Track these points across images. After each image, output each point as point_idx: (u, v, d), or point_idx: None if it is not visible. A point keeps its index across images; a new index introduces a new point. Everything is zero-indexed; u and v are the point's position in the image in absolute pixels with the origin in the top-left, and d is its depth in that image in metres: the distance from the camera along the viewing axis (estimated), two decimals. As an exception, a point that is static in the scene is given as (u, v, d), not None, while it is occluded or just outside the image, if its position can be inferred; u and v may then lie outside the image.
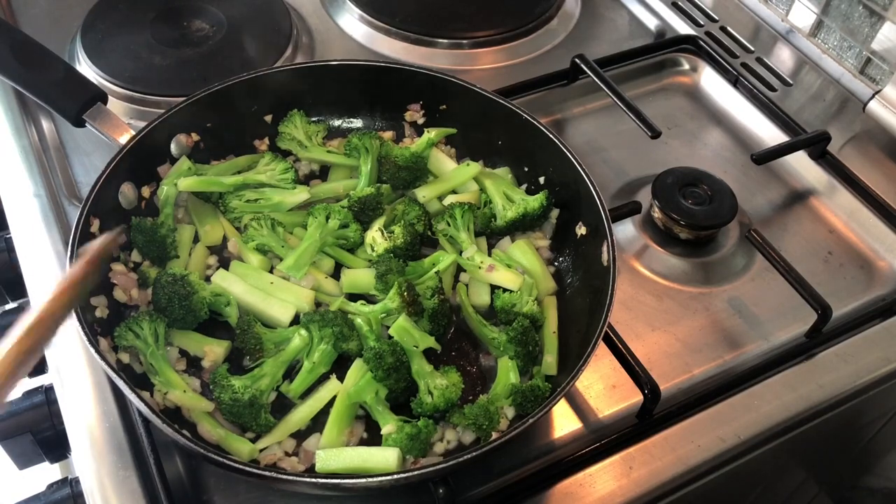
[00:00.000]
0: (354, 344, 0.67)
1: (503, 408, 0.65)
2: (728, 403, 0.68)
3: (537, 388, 0.64)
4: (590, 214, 0.71)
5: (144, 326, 0.64)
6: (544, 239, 0.77)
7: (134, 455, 0.62)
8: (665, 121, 0.92)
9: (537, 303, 0.70)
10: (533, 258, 0.73)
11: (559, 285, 0.74)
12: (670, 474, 0.64)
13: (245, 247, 0.72)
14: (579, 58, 0.92)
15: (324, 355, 0.65)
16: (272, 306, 0.68)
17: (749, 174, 0.89)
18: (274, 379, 0.65)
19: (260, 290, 0.69)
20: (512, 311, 0.69)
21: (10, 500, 0.67)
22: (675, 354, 0.73)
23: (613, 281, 0.65)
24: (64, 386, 0.66)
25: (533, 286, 0.71)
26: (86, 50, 0.92)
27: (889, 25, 0.91)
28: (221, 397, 0.62)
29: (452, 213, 0.74)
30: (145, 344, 0.64)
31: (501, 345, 0.67)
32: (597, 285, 0.67)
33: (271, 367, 0.65)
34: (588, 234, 0.72)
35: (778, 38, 1.04)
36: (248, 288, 0.69)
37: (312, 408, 0.64)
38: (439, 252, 0.73)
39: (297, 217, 0.75)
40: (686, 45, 1.00)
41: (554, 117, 0.93)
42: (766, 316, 0.76)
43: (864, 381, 0.71)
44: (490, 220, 0.76)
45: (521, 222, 0.75)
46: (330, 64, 0.80)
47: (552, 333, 0.70)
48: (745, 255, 0.81)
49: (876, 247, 0.83)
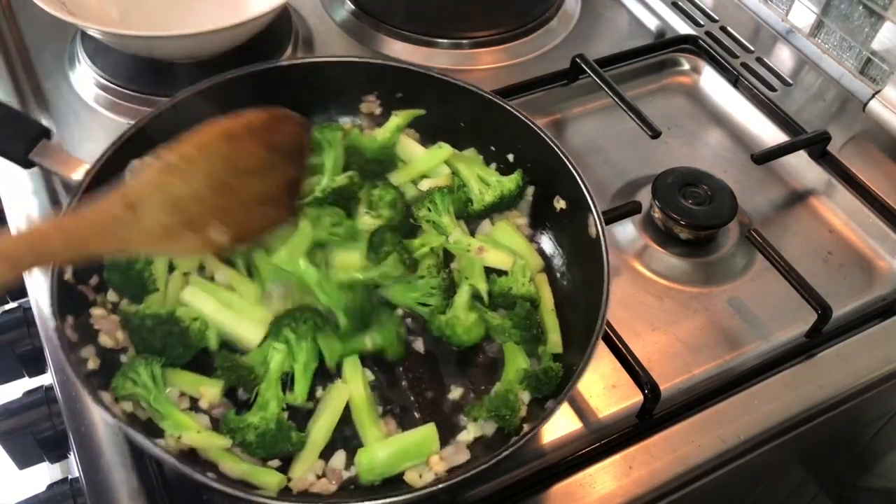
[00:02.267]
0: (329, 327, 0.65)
1: (518, 394, 0.64)
2: (728, 403, 0.68)
3: (550, 369, 0.64)
4: (566, 187, 0.71)
5: (141, 372, 0.61)
6: (522, 217, 0.76)
7: (134, 455, 0.62)
8: (665, 121, 0.92)
9: (531, 282, 0.70)
10: (518, 238, 0.73)
11: (545, 263, 0.73)
12: (670, 474, 0.64)
13: (216, 262, 0.69)
14: (579, 58, 0.92)
15: (309, 352, 0.64)
16: (241, 326, 0.66)
17: (749, 174, 0.89)
18: (279, 398, 0.63)
19: (227, 308, 0.66)
20: (510, 293, 0.69)
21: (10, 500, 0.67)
22: (675, 354, 0.73)
23: (606, 251, 0.64)
24: (64, 386, 0.66)
25: (525, 266, 0.70)
26: (86, 51, 0.92)
27: (889, 25, 0.91)
28: (247, 439, 0.60)
29: (432, 197, 0.73)
30: (146, 390, 0.61)
31: (506, 330, 0.67)
32: (587, 259, 0.67)
33: (269, 389, 0.63)
34: (568, 207, 0.72)
35: (778, 38, 1.04)
36: (217, 306, 0.66)
37: (331, 420, 0.63)
38: (426, 236, 0.72)
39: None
40: (686, 45, 1.00)
41: (554, 117, 0.94)
42: (766, 316, 0.76)
43: (864, 381, 0.71)
44: (467, 204, 0.75)
45: (499, 204, 0.74)
46: (279, 65, 0.77)
47: (550, 311, 0.70)
48: (745, 255, 0.81)
49: (876, 247, 0.83)
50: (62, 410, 0.65)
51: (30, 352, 0.74)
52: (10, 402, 0.70)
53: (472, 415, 0.64)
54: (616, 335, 0.69)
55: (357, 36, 1.00)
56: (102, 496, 0.60)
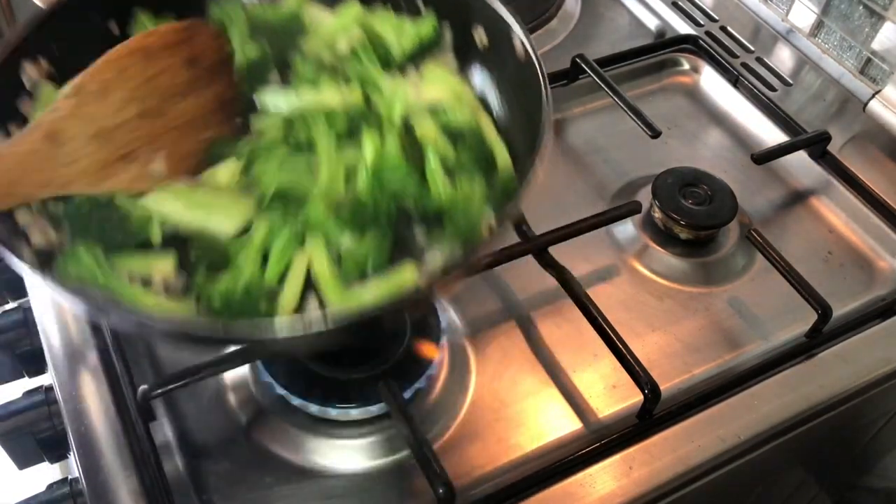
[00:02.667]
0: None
1: (480, 214, 0.63)
2: (728, 403, 0.68)
3: (506, 181, 0.64)
4: (483, 15, 0.69)
5: (83, 255, 0.56)
6: (447, 55, 0.74)
7: (134, 455, 0.62)
8: (665, 121, 0.92)
9: (471, 113, 0.69)
10: (447, 74, 0.72)
11: (480, 101, 0.72)
12: (670, 474, 0.64)
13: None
14: (579, 57, 0.92)
15: (288, 240, 0.60)
16: (213, 219, 0.60)
17: (749, 174, 0.89)
18: (255, 263, 0.59)
19: (197, 207, 0.61)
20: (452, 127, 0.68)
21: (10, 500, 0.67)
22: (675, 354, 0.73)
23: (541, 67, 0.62)
24: (64, 386, 0.66)
25: (462, 98, 0.70)
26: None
27: (889, 25, 0.91)
28: (212, 304, 0.56)
29: (355, 54, 0.70)
30: (92, 271, 0.56)
31: (461, 162, 0.66)
32: (521, 85, 0.65)
33: (246, 256, 0.58)
34: (490, 39, 0.70)
35: (778, 38, 1.04)
36: (185, 207, 0.60)
37: (296, 285, 0.59)
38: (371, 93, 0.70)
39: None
40: (686, 45, 1.00)
41: (554, 117, 0.93)
42: (766, 316, 0.76)
43: (864, 381, 0.71)
44: (387, 58, 0.73)
45: (420, 51, 0.73)
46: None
47: (494, 136, 0.69)
48: (745, 255, 0.81)
49: (876, 247, 0.83)
50: (62, 410, 0.65)
51: (30, 352, 0.74)
52: (10, 402, 0.70)
53: (437, 241, 0.63)
54: (616, 335, 0.69)
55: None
56: (102, 496, 0.60)
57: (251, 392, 0.68)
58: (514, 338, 0.73)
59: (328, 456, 0.65)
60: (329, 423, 0.66)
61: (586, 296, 0.71)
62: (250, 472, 0.64)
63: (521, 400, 0.69)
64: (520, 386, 0.70)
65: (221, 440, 0.66)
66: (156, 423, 0.65)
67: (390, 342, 0.68)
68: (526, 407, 0.69)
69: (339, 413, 0.65)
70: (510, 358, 0.72)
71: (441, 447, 0.65)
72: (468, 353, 0.72)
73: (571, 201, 0.85)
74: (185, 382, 0.63)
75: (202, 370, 0.63)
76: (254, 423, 0.66)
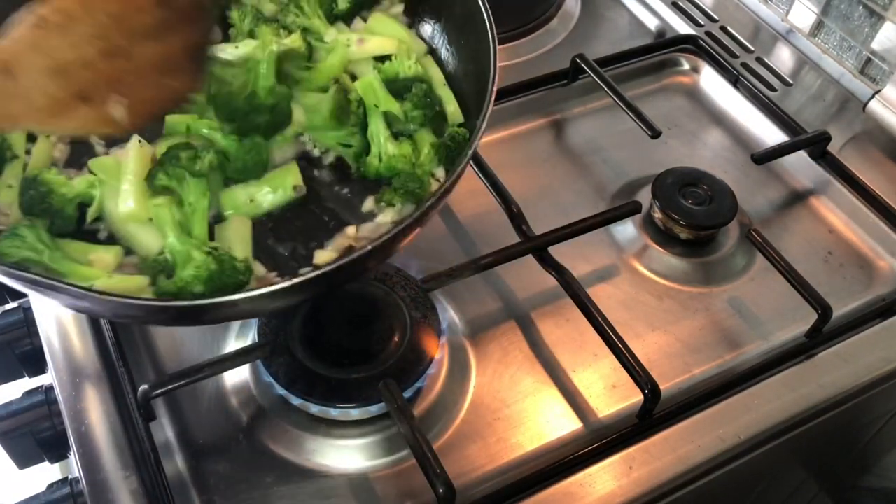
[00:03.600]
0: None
1: (432, 171, 0.63)
2: (728, 403, 0.68)
3: (456, 134, 0.64)
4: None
5: (26, 234, 0.55)
6: (396, 5, 0.75)
7: (134, 455, 0.62)
8: (665, 121, 0.92)
9: (418, 63, 0.69)
10: (394, 25, 0.72)
11: (428, 46, 0.73)
12: (670, 474, 0.64)
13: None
14: (579, 57, 0.92)
15: (196, 189, 0.59)
16: (112, 200, 0.59)
17: (749, 174, 0.89)
18: (201, 238, 0.58)
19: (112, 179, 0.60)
20: (399, 79, 0.68)
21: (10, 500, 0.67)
22: (675, 354, 0.73)
23: (489, 16, 0.63)
24: (64, 386, 0.66)
25: (409, 48, 0.70)
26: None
27: (889, 25, 0.91)
28: (196, 291, 0.55)
29: (297, 5, 0.70)
30: (37, 251, 0.55)
31: (408, 114, 0.66)
32: (469, 28, 0.66)
33: (180, 244, 0.57)
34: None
35: (778, 38, 1.04)
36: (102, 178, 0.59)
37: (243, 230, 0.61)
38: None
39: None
40: (686, 45, 1.00)
41: (554, 117, 0.94)
42: (766, 316, 0.76)
43: (864, 381, 0.71)
44: (331, 5, 0.72)
45: (366, 0, 0.73)
46: None
47: (443, 86, 0.69)
48: (745, 255, 0.81)
49: (876, 247, 0.83)
50: (62, 410, 0.66)
51: (30, 352, 0.74)
52: (9, 402, 0.70)
53: (385, 199, 0.63)
54: (616, 335, 0.69)
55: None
56: (102, 496, 0.60)
57: (252, 392, 0.68)
58: (514, 338, 0.73)
59: (328, 456, 0.65)
60: (329, 423, 0.66)
61: (586, 296, 0.71)
62: (250, 472, 0.64)
63: (521, 400, 0.69)
64: (520, 386, 0.70)
65: (221, 440, 0.66)
66: (156, 423, 0.65)
67: (390, 342, 0.68)
68: (526, 407, 0.69)
69: (340, 413, 0.65)
70: (510, 358, 0.72)
71: (441, 447, 0.65)
72: (468, 353, 0.72)
73: (571, 201, 0.85)
74: (185, 382, 0.63)
75: (202, 370, 0.63)
76: (254, 422, 0.67)
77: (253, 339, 0.69)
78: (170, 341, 0.71)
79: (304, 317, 0.69)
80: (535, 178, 0.87)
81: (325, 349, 0.67)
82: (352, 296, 0.70)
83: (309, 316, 0.69)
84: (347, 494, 0.63)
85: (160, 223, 0.59)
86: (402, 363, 0.66)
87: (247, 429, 0.66)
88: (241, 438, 0.66)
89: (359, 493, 0.63)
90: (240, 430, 0.66)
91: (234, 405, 0.67)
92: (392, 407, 0.62)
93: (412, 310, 0.69)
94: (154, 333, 0.72)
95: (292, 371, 0.66)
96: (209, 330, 0.72)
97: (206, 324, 0.67)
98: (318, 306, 0.69)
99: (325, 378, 0.65)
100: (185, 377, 0.63)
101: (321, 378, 0.65)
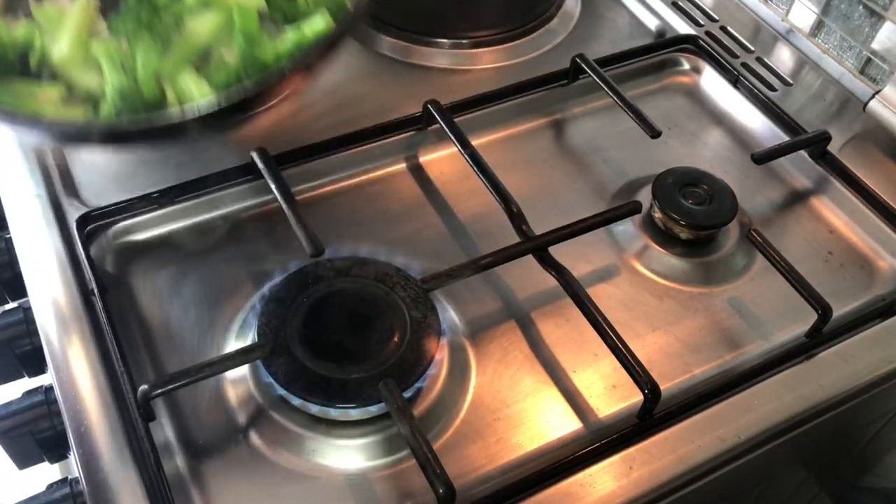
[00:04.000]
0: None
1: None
2: (728, 403, 0.68)
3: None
4: None
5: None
6: None
7: (134, 455, 0.62)
8: (665, 121, 0.92)
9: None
10: None
11: None
12: (670, 474, 0.64)
13: None
14: (579, 57, 0.92)
15: (146, 45, 0.63)
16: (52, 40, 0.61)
17: (749, 174, 0.89)
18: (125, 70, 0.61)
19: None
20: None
21: (10, 500, 0.67)
22: (675, 354, 0.73)
23: None
24: (64, 386, 0.66)
25: None
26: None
27: (889, 25, 0.91)
28: (117, 108, 0.60)
29: None
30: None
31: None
32: None
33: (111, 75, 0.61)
34: None
35: (778, 38, 1.04)
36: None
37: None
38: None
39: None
40: (686, 45, 1.00)
41: (554, 117, 0.94)
42: (766, 316, 0.76)
43: (864, 381, 0.71)
44: None
45: None
46: None
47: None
48: (745, 255, 0.81)
49: (876, 247, 0.83)
50: (62, 410, 0.65)
51: (30, 352, 0.74)
52: (9, 402, 0.70)
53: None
54: (616, 335, 0.69)
55: (357, 35, 1.00)
56: (102, 496, 0.60)
57: (251, 392, 0.68)
58: (514, 338, 0.73)
59: (328, 456, 0.65)
60: (329, 423, 0.66)
61: (586, 296, 0.71)
62: (250, 471, 0.64)
63: (521, 400, 0.69)
64: (520, 386, 0.70)
65: (221, 440, 0.66)
66: (155, 422, 0.65)
67: (390, 342, 0.68)
68: (526, 407, 0.69)
69: (340, 413, 0.65)
70: (510, 358, 0.72)
71: (441, 447, 0.65)
72: (468, 353, 0.72)
73: (571, 201, 0.85)
74: (185, 382, 0.63)
75: (202, 370, 0.63)
76: (254, 423, 0.66)
77: (253, 339, 0.69)
78: (170, 341, 0.72)
79: (304, 317, 0.69)
80: (535, 178, 0.87)
81: (324, 349, 0.67)
82: (352, 296, 0.70)
83: (309, 316, 0.69)
84: (347, 494, 0.63)
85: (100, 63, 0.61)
86: (402, 363, 0.66)
87: (247, 429, 0.66)
88: (241, 438, 0.66)
89: (359, 493, 0.63)
90: (240, 431, 0.66)
91: (233, 405, 0.67)
92: (392, 407, 0.62)
93: (412, 310, 0.69)
94: (154, 333, 0.72)
95: (292, 371, 0.66)
96: (209, 330, 0.72)
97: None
98: (318, 307, 0.69)
99: (324, 378, 0.65)
100: (184, 377, 0.63)
101: (321, 378, 0.65)
